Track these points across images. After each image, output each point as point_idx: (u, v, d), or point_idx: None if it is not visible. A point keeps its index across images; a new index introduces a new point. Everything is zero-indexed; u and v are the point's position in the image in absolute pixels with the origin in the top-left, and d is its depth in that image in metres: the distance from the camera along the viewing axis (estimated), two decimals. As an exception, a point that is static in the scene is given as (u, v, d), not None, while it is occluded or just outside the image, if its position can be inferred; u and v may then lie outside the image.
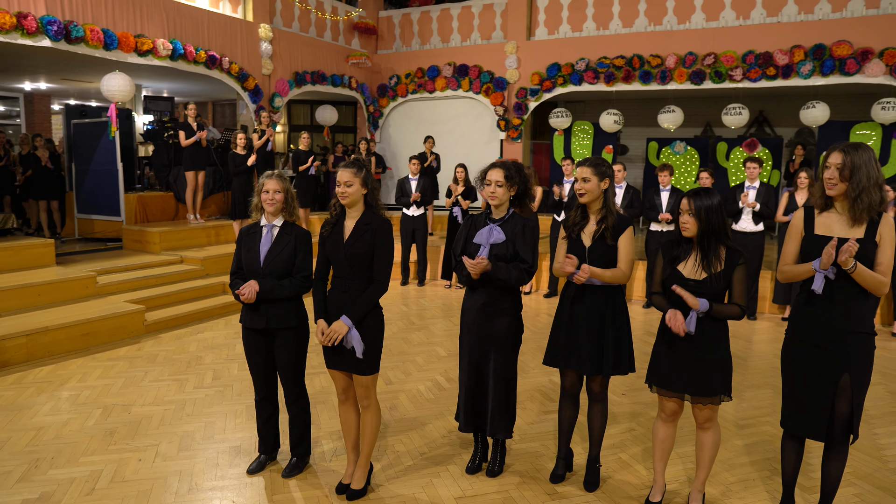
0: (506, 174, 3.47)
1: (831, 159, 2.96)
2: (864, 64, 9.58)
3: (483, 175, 3.55)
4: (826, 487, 3.17)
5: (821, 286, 2.92)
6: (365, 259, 3.29)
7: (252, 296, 3.39)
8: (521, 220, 3.51)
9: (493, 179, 3.47)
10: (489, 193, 3.50)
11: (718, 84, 10.50)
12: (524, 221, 3.49)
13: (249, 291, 3.39)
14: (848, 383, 2.99)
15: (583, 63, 11.28)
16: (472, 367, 3.62)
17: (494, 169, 3.50)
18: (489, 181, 3.49)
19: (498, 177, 3.46)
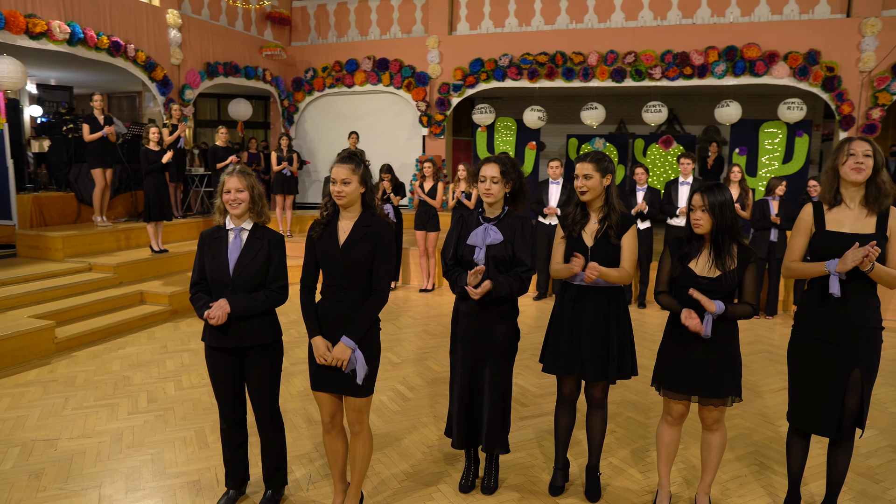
0: (502, 169, 3.22)
1: (857, 147, 2.89)
2: (771, 66, 10.11)
3: (476, 171, 3.28)
4: (832, 481, 3.15)
5: (838, 289, 2.87)
6: (365, 266, 2.94)
7: (223, 318, 2.96)
8: (519, 218, 3.27)
9: (489, 175, 3.20)
10: (484, 190, 3.23)
11: (639, 82, 10.76)
12: (522, 220, 3.26)
13: (220, 314, 2.95)
14: (859, 378, 2.98)
15: (506, 59, 11.23)
16: (467, 377, 3.34)
17: (489, 164, 3.24)
18: (483, 177, 3.22)
19: (493, 172, 3.20)
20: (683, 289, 3.07)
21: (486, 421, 3.33)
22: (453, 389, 3.40)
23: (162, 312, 6.82)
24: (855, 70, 9.88)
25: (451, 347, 3.44)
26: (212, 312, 2.95)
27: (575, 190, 3.29)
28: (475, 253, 3.22)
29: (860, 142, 2.91)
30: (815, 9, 10.10)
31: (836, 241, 2.92)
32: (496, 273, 3.18)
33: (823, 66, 9.90)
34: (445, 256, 3.38)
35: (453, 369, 3.40)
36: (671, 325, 3.21)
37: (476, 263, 3.19)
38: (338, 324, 2.94)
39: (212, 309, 2.96)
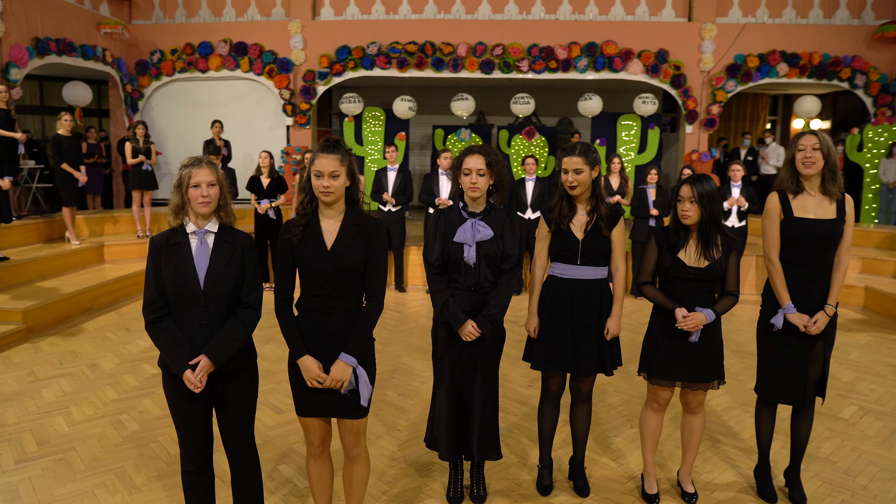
0: (487, 161, 3.01)
1: (806, 141, 3.10)
2: (627, 62, 10.80)
3: (459, 163, 3.05)
4: (797, 446, 3.37)
5: (781, 322, 3.18)
6: (358, 271, 2.59)
7: (204, 381, 2.49)
8: (504, 212, 3.11)
9: (474, 168, 2.99)
10: (470, 184, 3.02)
11: (507, 74, 10.98)
12: (509, 213, 3.10)
13: (202, 377, 2.48)
14: (821, 350, 3.21)
15: (374, 47, 10.91)
16: (456, 386, 3.14)
17: (473, 155, 3.02)
18: (468, 170, 3.00)
19: (479, 164, 2.99)
20: (677, 280, 3.10)
21: (477, 427, 3.13)
22: (438, 399, 3.16)
23: (15, 332, 5.74)
24: (697, 69, 10.87)
25: (435, 358, 3.21)
26: (194, 377, 2.45)
27: (563, 184, 3.19)
28: (465, 251, 3.02)
29: (809, 136, 3.12)
30: (662, 12, 10.94)
31: (808, 228, 3.11)
32: (486, 272, 3.05)
33: (671, 65, 10.77)
34: (429, 258, 3.12)
35: (440, 379, 3.17)
36: (658, 314, 3.23)
37: (468, 263, 3.01)
38: (326, 340, 2.57)
39: (194, 374, 2.45)
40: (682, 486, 3.39)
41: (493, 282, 3.06)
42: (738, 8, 10.84)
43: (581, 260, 3.17)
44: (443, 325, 3.10)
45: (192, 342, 2.51)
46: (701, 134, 11.11)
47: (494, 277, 3.06)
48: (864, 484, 3.54)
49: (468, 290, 3.05)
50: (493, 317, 3.00)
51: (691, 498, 3.33)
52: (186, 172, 2.53)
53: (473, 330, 2.98)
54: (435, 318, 3.17)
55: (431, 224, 3.13)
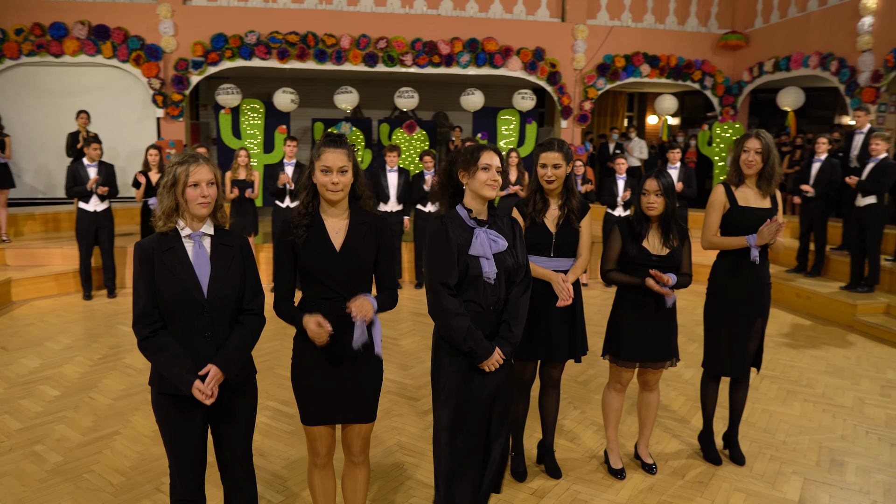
0: (502, 159, 2.62)
1: (750, 144, 3.47)
2: (507, 59, 11.19)
3: (476, 157, 2.55)
4: (735, 413, 3.78)
5: (757, 257, 3.47)
6: (370, 270, 2.54)
7: (216, 393, 2.30)
8: (507, 218, 2.74)
9: (494, 165, 2.54)
10: (490, 181, 2.54)
11: (391, 68, 10.95)
12: (511, 218, 2.75)
13: (213, 386, 2.29)
14: (760, 326, 3.62)
15: (253, 36, 10.42)
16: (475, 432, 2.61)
17: (490, 152, 2.57)
18: (488, 165, 2.53)
19: (498, 162, 2.57)
20: (641, 267, 3.33)
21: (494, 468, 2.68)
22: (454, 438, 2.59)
23: None
24: (571, 68, 11.50)
25: (445, 395, 2.59)
26: (206, 389, 2.25)
27: (539, 178, 3.30)
28: (484, 267, 2.53)
29: (753, 140, 3.50)
30: (538, 12, 11.44)
31: (749, 215, 3.50)
32: (504, 288, 2.61)
33: (548, 63, 11.32)
34: (445, 278, 2.50)
35: (459, 420, 2.58)
36: (622, 299, 3.46)
37: (487, 279, 2.53)
38: (339, 345, 2.46)
39: (205, 385, 2.26)
40: (642, 459, 3.67)
41: (506, 299, 2.63)
42: (605, 11, 11.61)
43: (554, 252, 3.31)
44: (453, 357, 2.57)
45: (195, 357, 2.31)
46: (575, 129, 11.79)
47: (508, 294, 2.64)
48: (782, 439, 4.02)
49: (487, 312, 2.57)
50: (514, 338, 2.60)
51: (651, 468, 3.61)
52: (183, 170, 2.32)
53: (500, 358, 2.55)
54: (439, 353, 2.63)
55: (438, 236, 2.55)
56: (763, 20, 11.34)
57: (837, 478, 3.56)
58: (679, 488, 3.44)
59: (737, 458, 3.72)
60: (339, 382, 2.51)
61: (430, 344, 2.75)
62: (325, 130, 12.26)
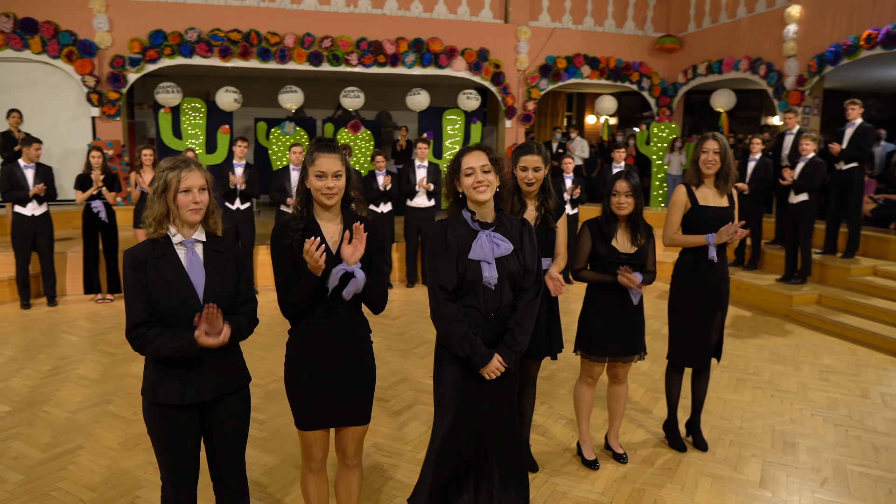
0: (490, 157, 2.54)
1: (709, 146, 3.67)
2: (452, 59, 11.29)
3: (456, 166, 2.55)
4: (697, 401, 3.98)
5: (715, 255, 3.68)
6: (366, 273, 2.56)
7: (225, 337, 2.26)
8: (517, 220, 2.64)
9: (477, 165, 2.48)
10: (475, 184, 2.48)
11: (336, 67, 10.88)
12: (522, 221, 2.65)
13: (225, 333, 2.25)
14: (720, 318, 3.83)
15: (194, 33, 10.13)
16: (471, 439, 2.59)
17: (473, 153, 2.53)
18: (471, 169, 2.49)
19: (483, 161, 2.49)
20: (611, 265, 3.47)
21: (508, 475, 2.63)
22: (450, 449, 2.56)
23: None
24: (514, 68, 11.71)
25: (444, 403, 2.57)
26: (208, 335, 2.21)
27: (519, 181, 3.38)
28: (483, 271, 2.48)
29: (711, 141, 3.70)
30: (481, 13, 11.59)
31: (709, 213, 3.70)
32: (509, 294, 2.55)
33: (492, 64, 11.48)
34: (443, 282, 2.48)
35: (457, 430, 2.56)
36: (593, 297, 3.60)
37: (488, 284, 2.49)
38: (333, 351, 2.49)
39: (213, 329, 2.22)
40: (613, 449, 3.83)
41: (514, 305, 2.56)
42: (547, 13, 11.87)
43: None
44: (453, 365, 2.55)
45: (190, 362, 2.30)
46: (519, 128, 12.01)
47: (515, 300, 2.57)
48: (738, 425, 4.27)
49: (488, 318, 2.52)
50: (519, 346, 2.52)
51: (622, 458, 3.77)
52: (174, 176, 2.29)
53: (500, 365, 2.50)
54: (440, 359, 2.61)
55: (437, 240, 2.53)
56: (696, 25, 11.85)
57: (791, 458, 3.82)
58: (650, 476, 3.60)
59: (700, 445, 3.93)
60: (334, 386, 2.52)
61: (393, 345, 2.77)
62: (268, 130, 12.06)
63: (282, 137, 11.92)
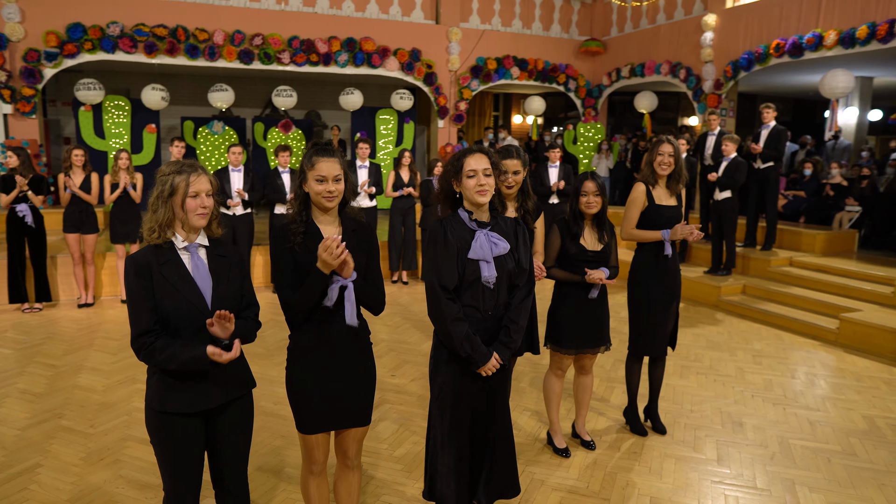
0: (492, 160, 2.61)
1: (664, 149, 3.93)
2: (384, 59, 11.31)
3: (458, 167, 2.59)
4: (654, 388, 4.25)
5: (671, 250, 3.96)
6: (363, 276, 2.60)
7: (237, 352, 2.27)
8: (511, 220, 2.73)
9: (479, 168, 2.54)
10: (477, 187, 2.54)
11: (268, 66, 10.68)
12: (516, 221, 2.74)
13: (236, 348, 2.26)
14: (675, 308, 4.11)
15: (116, 28, 9.69)
16: (470, 435, 2.70)
17: (474, 155, 2.59)
18: (472, 171, 2.54)
19: (486, 164, 2.56)
20: (579, 262, 3.66)
21: (496, 471, 2.76)
22: (447, 455, 2.67)
23: None
24: (446, 69, 11.86)
25: (442, 405, 2.68)
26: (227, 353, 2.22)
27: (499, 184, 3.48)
28: (483, 270, 2.55)
29: (666, 145, 3.97)
30: (412, 13, 11.67)
31: (663, 211, 3.96)
32: (505, 293, 2.64)
33: (424, 64, 11.59)
34: (443, 281, 2.54)
35: (449, 432, 2.66)
36: (562, 293, 3.78)
37: (487, 283, 2.57)
38: (334, 353, 2.51)
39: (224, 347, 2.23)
40: (581, 437, 4.03)
41: (507, 303, 2.66)
42: (477, 15, 12.09)
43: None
44: (451, 363, 2.62)
45: (200, 372, 2.28)
46: (451, 128, 12.18)
47: (509, 297, 2.67)
48: (689, 409, 4.58)
49: (486, 317, 2.61)
50: (514, 343, 2.63)
51: (590, 444, 3.98)
52: (182, 180, 2.26)
53: (496, 363, 2.60)
54: (438, 356, 2.69)
55: (437, 239, 2.58)
56: (618, 29, 12.40)
57: (741, 437, 4.14)
58: (619, 460, 3.82)
59: (659, 429, 4.19)
60: (337, 388, 2.54)
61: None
62: (195, 129, 11.69)
63: (210, 137, 11.59)
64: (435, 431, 2.73)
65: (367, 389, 2.65)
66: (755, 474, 3.66)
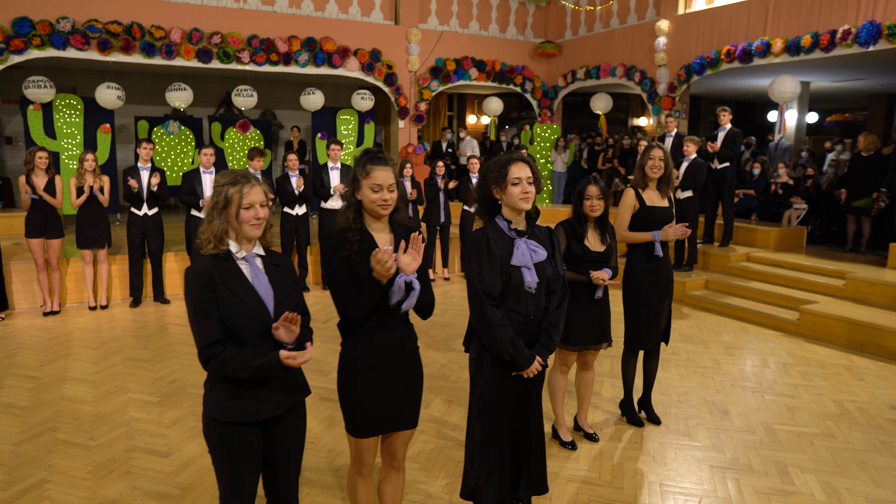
0: (532, 168, 2.75)
1: (655, 153, 4.15)
2: (345, 59, 11.27)
3: (505, 173, 2.69)
4: (648, 380, 4.48)
5: (661, 251, 4.18)
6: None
7: (310, 355, 2.29)
8: (544, 228, 2.90)
9: (524, 177, 2.68)
10: (522, 195, 2.68)
11: (227, 65, 10.46)
12: (549, 230, 2.90)
13: (309, 351, 2.29)
14: (668, 304, 4.35)
15: (67, 23, 9.29)
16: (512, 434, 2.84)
17: (518, 163, 2.70)
18: (518, 179, 2.67)
19: (528, 172, 2.70)
20: (584, 263, 3.84)
21: (534, 468, 2.93)
22: (489, 454, 2.80)
23: None
24: (406, 69, 11.91)
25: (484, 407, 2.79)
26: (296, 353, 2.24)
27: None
28: (525, 276, 2.69)
29: (657, 149, 4.19)
30: (372, 13, 11.66)
31: (655, 212, 4.20)
32: (544, 298, 2.79)
33: (384, 64, 11.60)
34: (488, 288, 2.65)
35: (491, 432, 2.79)
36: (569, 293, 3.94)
37: (529, 289, 2.70)
38: (395, 357, 2.59)
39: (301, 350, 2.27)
40: (584, 429, 4.21)
41: (545, 307, 2.81)
42: (435, 16, 12.18)
43: None
44: (493, 367, 2.74)
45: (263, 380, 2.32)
46: (412, 128, 12.24)
47: (546, 302, 2.81)
48: (677, 399, 4.84)
49: (528, 321, 2.74)
50: (553, 346, 2.78)
51: (593, 437, 4.17)
52: (236, 191, 2.29)
53: (539, 365, 2.73)
54: (480, 360, 2.79)
55: (481, 248, 2.70)
56: (572, 32, 12.74)
57: (729, 424, 4.42)
58: (623, 450, 4.03)
59: (654, 419, 4.43)
60: (390, 392, 2.60)
61: (335, 347, 2.87)
62: (150, 129, 11.38)
63: (165, 137, 11.32)
64: (475, 433, 2.84)
65: (417, 392, 2.71)
66: (749, 458, 3.93)
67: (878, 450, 4.06)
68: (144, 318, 6.92)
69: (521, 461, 2.88)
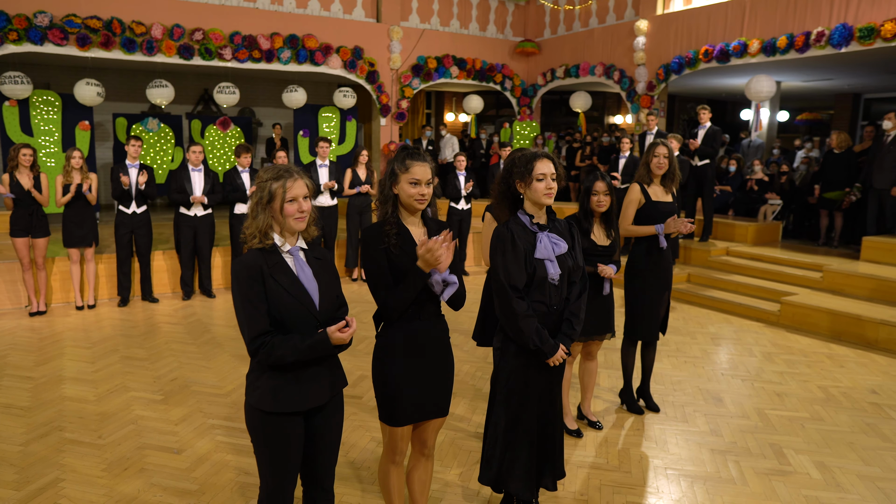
0: (555, 164, 2.86)
1: (659, 151, 4.30)
2: (327, 57, 11.26)
3: (531, 168, 2.79)
4: (647, 371, 4.64)
5: (665, 243, 4.32)
6: None
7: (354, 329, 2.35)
8: (564, 221, 3.02)
9: (549, 173, 2.79)
10: (546, 190, 2.79)
11: (209, 61, 10.39)
12: (569, 223, 3.03)
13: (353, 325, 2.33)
14: (667, 297, 4.51)
15: (45, 18, 9.13)
16: (537, 420, 2.97)
17: (543, 160, 2.80)
18: (543, 175, 2.78)
19: (553, 168, 2.81)
20: (590, 256, 3.97)
21: (557, 446, 3.06)
22: (517, 440, 2.94)
23: None
24: (388, 67, 11.95)
25: (509, 396, 2.93)
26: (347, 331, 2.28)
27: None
28: (549, 269, 2.81)
29: (661, 147, 4.34)
30: (354, 11, 11.67)
31: (661, 207, 4.34)
32: (566, 289, 2.92)
33: (366, 62, 11.63)
34: (514, 281, 2.78)
35: (516, 420, 2.93)
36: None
37: (552, 281, 2.83)
38: (430, 347, 2.68)
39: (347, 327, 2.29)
40: (588, 418, 4.35)
41: (568, 298, 2.94)
42: (416, 14, 12.24)
43: None
44: (518, 356, 2.88)
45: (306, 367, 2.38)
46: (393, 126, 12.29)
47: (567, 293, 2.94)
48: (672, 388, 5.01)
49: (551, 311, 2.87)
50: (576, 334, 2.92)
51: (596, 424, 4.31)
52: (279, 186, 2.34)
53: (563, 353, 2.86)
54: (505, 350, 2.93)
55: (505, 241, 2.81)
56: (551, 31, 12.91)
57: (724, 410, 4.60)
58: (626, 437, 4.17)
59: (653, 407, 4.59)
60: (425, 381, 2.68)
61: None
62: (128, 126, 11.23)
63: (145, 134, 11.16)
64: (499, 421, 2.95)
65: (449, 382, 2.79)
66: (746, 441, 4.11)
67: (865, 431, 4.28)
68: (133, 318, 6.87)
69: (545, 448, 3.00)
